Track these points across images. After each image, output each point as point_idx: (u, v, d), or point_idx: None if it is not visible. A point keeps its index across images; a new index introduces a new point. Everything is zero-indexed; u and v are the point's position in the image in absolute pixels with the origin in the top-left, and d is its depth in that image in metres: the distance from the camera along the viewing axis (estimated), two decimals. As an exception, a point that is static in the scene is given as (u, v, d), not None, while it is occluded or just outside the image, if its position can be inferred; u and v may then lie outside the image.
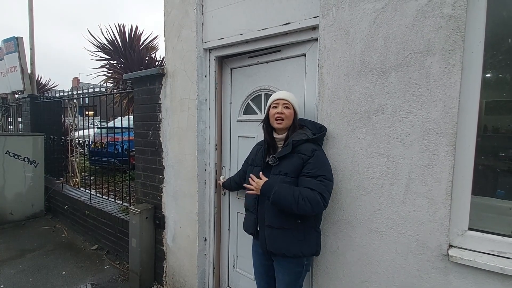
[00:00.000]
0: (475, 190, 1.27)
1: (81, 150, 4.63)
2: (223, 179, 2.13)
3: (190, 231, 2.30)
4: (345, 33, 1.48)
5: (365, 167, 1.45)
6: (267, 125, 1.61)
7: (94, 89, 3.55)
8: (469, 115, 1.24)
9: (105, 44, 5.33)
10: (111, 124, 5.30)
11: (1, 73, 5.88)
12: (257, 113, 2.08)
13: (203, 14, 2.18)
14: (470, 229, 1.27)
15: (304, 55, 1.77)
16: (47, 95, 5.77)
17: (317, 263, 1.65)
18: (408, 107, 1.32)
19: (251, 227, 1.63)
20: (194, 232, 2.27)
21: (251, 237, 1.70)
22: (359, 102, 1.46)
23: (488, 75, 1.31)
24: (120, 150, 3.65)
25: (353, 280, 1.53)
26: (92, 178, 4.85)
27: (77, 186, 4.35)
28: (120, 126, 3.89)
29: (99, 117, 5.84)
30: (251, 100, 2.11)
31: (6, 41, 5.48)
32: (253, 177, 1.54)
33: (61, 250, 3.28)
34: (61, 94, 4.44)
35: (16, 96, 5.79)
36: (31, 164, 4.22)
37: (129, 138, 4.40)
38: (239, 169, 1.99)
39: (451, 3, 1.21)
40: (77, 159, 4.53)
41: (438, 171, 1.26)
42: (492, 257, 1.21)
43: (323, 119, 1.58)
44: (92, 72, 6.10)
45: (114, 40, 5.28)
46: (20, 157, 4.13)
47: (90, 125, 4.04)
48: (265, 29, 1.83)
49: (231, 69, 2.22)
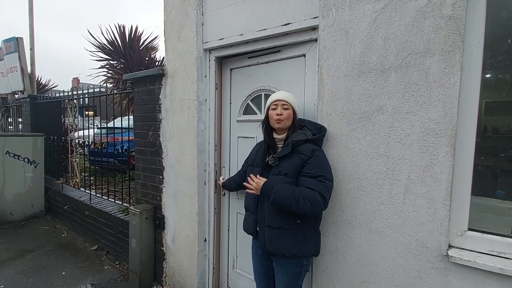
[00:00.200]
0: (475, 190, 1.27)
1: (81, 151, 4.62)
2: (222, 179, 2.13)
3: (190, 231, 2.30)
4: (345, 33, 1.49)
5: (364, 167, 1.45)
6: (267, 126, 1.60)
7: (94, 89, 3.54)
8: (468, 115, 1.24)
9: (105, 44, 5.34)
10: (111, 125, 5.30)
11: (1, 73, 5.88)
12: (257, 114, 2.08)
13: (203, 14, 2.18)
14: (469, 229, 1.28)
15: (304, 55, 1.77)
16: (47, 95, 5.77)
17: (317, 264, 1.65)
18: (407, 107, 1.33)
19: (250, 227, 1.63)
20: (194, 233, 2.27)
21: (251, 237, 1.70)
22: (358, 102, 1.46)
23: (487, 75, 1.32)
24: (120, 151, 3.65)
25: (353, 280, 1.53)
26: (92, 178, 4.85)
27: (77, 187, 4.35)
28: (120, 126, 3.89)
29: (99, 117, 5.84)
30: (250, 100, 2.11)
31: (6, 41, 5.48)
32: (252, 177, 1.54)
33: (61, 250, 3.28)
34: (61, 94, 4.43)
35: (16, 96, 5.79)
36: (31, 164, 4.22)
37: (129, 138, 4.40)
38: (239, 170, 1.99)
39: (450, 3, 1.21)
40: (77, 159, 4.53)
41: (437, 171, 1.26)
42: (491, 257, 1.21)
43: (323, 119, 1.58)
44: (92, 72, 6.12)
45: (114, 41, 5.30)
46: (20, 157, 4.13)
47: (90, 125, 4.04)
48: (265, 29, 1.84)
49: (231, 70, 2.22)
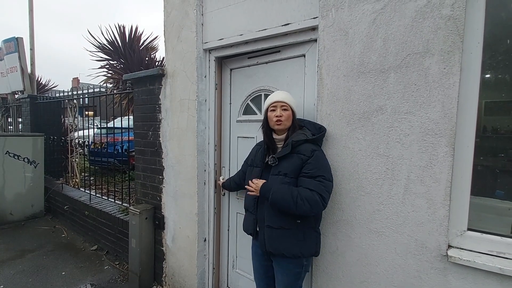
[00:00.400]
0: (474, 190, 1.27)
1: (81, 151, 4.62)
2: (222, 179, 2.13)
3: (189, 231, 2.31)
4: (344, 34, 1.49)
5: (364, 167, 1.46)
6: (266, 128, 1.59)
7: (94, 89, 3.54)
8: (468, 115, 1.24)
9: (105, 44, 5.35)
10: (111, 125, 5.30)
11: (1, 73, 5.88)
12: (256, 114, 2.08)
13: (203, 15, 2.19)
14: (469, 229, 1.28)
15: (304, 55, 1.77)
16: (47, 95, 5.77)
17: (317, 264, 1.65)
18: (407, 107, 1.33)
19: (250, 227, 1.63)
20: (194, 233, 2.27)
21: (251, 237, 1.70)
22: (358, 102, 1.46)
23: (487, 76, 1.32)
24: (120, 151, 3.65)
25: (353, 280, 1.53)
26: (92, 178, 4.85)
27: (77, 187, 4.35)
28: (120, 126, 3.89)
29: (99, 117, 5.84)
30: (250, 100, 2.12)
31: (6, 41, 5.48)
32: (253, 180, 1.55)
33: (61, 250, 3.28)
34: (61, 94, 4.44)
35: (16, 96, 5.80)
36: (31, 165, 4.22)
37: (129, 138, 4.40)
38: (238, 170, 1.99)
39: (450, 4, 1.21)
40: (77, 159, 4.54)
41: (437, 171, 1.27)
42: (491, 257, 1.21)
43: (322, 119, 1.58)
44: (92, 72, 6.14)
45: (114, 41, 5.30)
46: (20, 157, 4.13)
47: (90, 125, 4.04)
48: (265, 29, 1.84)
49: (231, 70, 2.22)
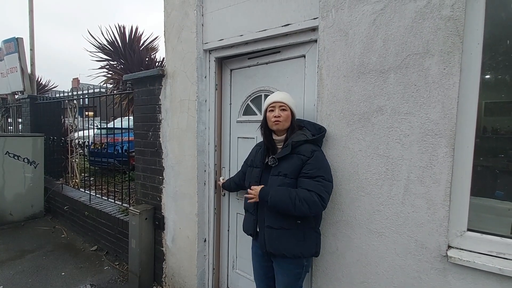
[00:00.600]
0: (474, 191, 1.27)
1: (81, 151, 4.62)
2: (222, 180, 2.13)
3: (189, 232, 2.30)
4: (344, 34, 1.49)
5: (364, 168, 1.46)
6: (265, 128, 1.59)
7: (94, 89, 3.54)
8: (468, 116, 1.25)
9: (105, 45, 5.35)
10: (111, 125, 5.30)
11: (1, 73, 5.88)
12: (256, 114, 2.08)
13: (203, 15, 2.19)
14: (469, 230, 1.28)
15: (304, 56, 1.78)
16: (47, 95, 5.78)
17: (317, 264, 1.65)
18: (407, 108, 1.33)
19: (250, 228, 1.63)
20: (194, 233, 2.27)
21: (251, 238, 1.70)
22: (358, 103, 1.46)
23: (487, 76, 1.32)
24: (120, 151, 3.64)
25: (353, 281, 1.53)
26: (91, 179, 4.85)
27: (76, 187, 4.35)
28: (120, 127, 3.89)
29: (99, 117, 5.84)
30: (250, 101, 2.12)
31: (6, 41, 5.49)
32: (251, 187, 1.55)
33: (61, 251, 3.28)
34: (61, 94, 4.44)
35: (16, 96, 5.80)
36: (30, 165, 4.22)
37: (129, 139, 4.39)
38: (238, 170, 1.99)
39: (449, 4, 1.21)
40: (76, 159, 4.53)
41: (437, 172, 1.27)
42: (491, 258, 1.21)
43: (322, 120, 1.58)
44: (92, 72, 6.13)
45: (114, 41, 5.30)
46: (19, 157, 4.13)
47: (90, 125, 4.04)
48: (265, 30, 1.84)
49: (231, 70, 2.22)
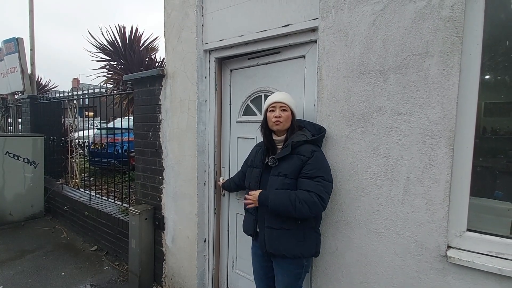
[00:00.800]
0: (473, 191, 1.27)
1: (81, 151, 4.62)
2: (222, 180, 2.13)
3: (189, 232, 2.31)
4: (344, 35, 1.49)
5: (364, 168, 1.46)
6: (265, 128, 1.60)
7: (94, 90, 3.55)
8: (467, 116, 1.25)
9: (105, 45, 5.36)
10: (111, 125, 5.30)
11: (1, 73, 5.88)
12: (256, 114, 2.08)
13: (203, 15, 2.19)
14: (468, 230, 1.28)
15: (304, 56, 1.78)
16: (47, 96, 5.78)
17: (316, 264, 1.65)
18: (406, 108, 1.33)
19: (250, 228, 1.63)
20: (194, 233, 2.27)
21: (251, 238, 1.70)
22: (358, 103, 1.46)
23: (486, 77, 1.32)
24: (120, 151, 3.65)
25: (352, 281, 1.54)
26: (91, 179, 4.85)
27: (76, 187, 4.35)
28: (120, 127, 3.90)
29: (99, 118, 5.85)
30: (250, 101, 2.12)
31: (6, 41, 5.49)
32: (249, 192, 1.56)
33: (61, 251, 3.28)
34: (61, 95, 4.44)
35: (16, 96, 5.80)
36: (30, 165, 4.22)
37: (129, 139, 4.39)
38: (238, 170, 1.99)
39: (449, 5, 1.22)
40: (76, 160, 4.53)
41: (436, 172, 1.27)
42: (490, 258, 1.21)
43: (322, 120, 1.59)
44: (92, 73, 6.12)
45: (114, 41, 5.31)
46: (19, 157, 4.13)
47: (90, 126, 4.04)
48: (265, 30, 1.84)
49: (231, 71, 2.22)
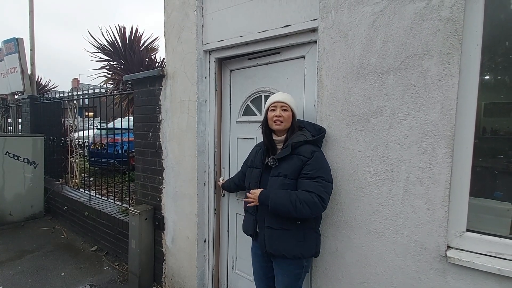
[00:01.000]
0: (473, 191, 1.28)
1: (81, 151, 4.62)
2: (222, 180, 2.13)
3: (189, 232, 2.31)
4: (344, 35, 1.49)
5: (363, 168, 1.46)
6: (266, 127, 1.60)
7: (94, 90, 3.55)
8: (467, 117, 1.25)
9: (105, 45, 5.36)
10: (111, 125, 5.30)
11: (1, 74, 5.89)
12: (256, 115, 2.09)
13: (203, 16, 2.19)
14: (468, 230, 1.28)
15: (304, 57, 1.78)
16: (47, 96, 5.77)
17: (316, 265, 1.65)
18: (406, 109, 1.33)
19: (250, 228, 1.63)
20: (194, 233, 2.27)
21: (250, 238, 1.70)
22: (358, 104, 1.47)
23: (486, 77, 1.33)
24: (120, 151, 3.64)
25: (352, 281, 1.54)
26: (91, 179, 4.84)
27: (76, 187, 4.35)
28: (120, 127, 3.90)
29: (99, 118, 5.85)
30: (250, 101, 2.12)
31: (6, 42, 5.49)
32: (250, 191, 1.55)
33: (60, 251, 3.28)
34: (61, 95, 4.44)
35: (16, 97, 5.80)
36: (30, 165, 4.22)
37: (128, 139, 4.39)
38: (238, 171, 2.00)
39: (448, 6, 1.22)
40: (76, 160, 4.53)
41: (436, 172, 1.27)
42: (490, 258, 1.21)
43: (322, 120, 1.59)
44: (92, 73, 6.13)
45: (114, 42, 5.31)
46: (19, 158, 4.13)
47: (90, 126, 4.04)
48: (265, 31, 1.85)
49: (231, 71, 2.23)
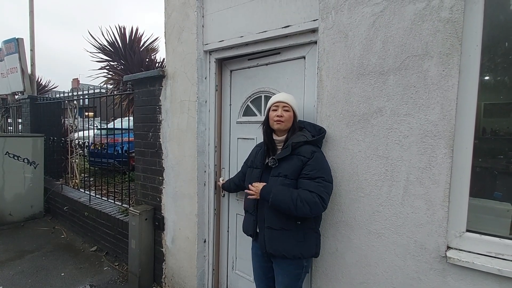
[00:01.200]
0: (473, 192, 1.28)
1: (81, 151, 4.63)
2: (222, 180, 2.13)
3: (189, 232, 2.31)
4: (344, 36, 1.50)
5: (363, 169, 1.46)
6: (267, 127, 1.61)
7: (94, 90, 3.55)
8: (466, 117, 1.25)
9: (105, 45, 5.36)
10: (111, 125, 5.30)
11: (1, 74, 5.89)
12: (256, 115, 2.09)
13: (203, 16, 2.20)
14: (468, 230, 1.28)
15: (304, 57, 1.78)
16: (47, 96, 5.78)
17: (316, 265, 1.65)
18: (406, 109, 1.34)
19: (250, 228, 1.63)
20: (194, 234, 2.27)
21: (250, 238, 1.70)
22: (358, 104, 1.47)
23: (486, 78, 1.33)
24: (120, 151, 3.65)
25: (352, 281, 1.54)
26: (91, 179, 4.84)
27: (76, 187, 4.35)
28: (120, 127, 3.91)
29: (99, 118, 5.85)
30: (250, 102, 2.12)
31: (6, 42, 5.49)
32: (253, 183, 1.55)
33: (60, 251, 3.28)
34: (61, 95, 4.44)
35: (16, 97, 5.80)
36: (30, 165, 4.22)
37: (129, 139, 4.39)
38: (238, 171, 2.00)
39: (448, 7, 1.22)
40: (76, 160, 4.53)
41: (436, 173, 1.27)
42: (489, 258, 1.21)
43: (322, 121, 1.59)
44: (92, 73, 6.10)
45: (114, 42, 5.31)
46: (19, 158, 4.13)
47: (90, 126, 4.04)
48: (265, 31, 1.85)
49: (231, 71, 2.23)
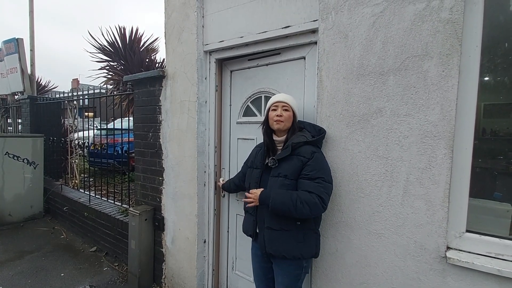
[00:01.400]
0: (473, 192, 1.28)
1: (81, 152, 4.62)
2: (222, 181, 2.13)
3: (189, 233, 2.31)
4: (344, 36, 1.50)
5: (363, 169, 1.46)
6: (267, 127, 1.61)
7: (94, 90, 3.55)
8: (466, 118, 1.25)
9: (105, 45, 5.36)
10: (110, 126, 5.30)
11: (1, 74, 5.89)
12: (256, 115, 2.09)
13: (203, 17, 2.20)
14: (467, 231, 1.28)
15: (304, 58, 1.79)
16: (47, 96, 5.77)
17: (316, 265, 1.65)
18: (406, 110, 1.34)
19: (250, 229, 1.63)
20: (194, 234, 2.27)
21: (250, 239, 1.70)
22: (358, 105, 1.47)
23: (485, 78, 1.33)
24: (120, 152, 3.65)
25: (352, 282, 1.54)
26: (91, 179, 4.84)
27: (76, 188, 4.35)
28: (120, 127, 3.90)
29: (99, 118, 5.84)
30: (250, 102, 2.12)
31: (6, 42, 5.50)
32: (250, 190, 1.55)
33: (60, 251, 3.28)
34: (61, 95, 4.44)
35: (16, 97, 5.80)
36: (30, 165, 4.22)
37: (128, 139, 4.39)
38: (238, 171, 2.00)
39: (448, 7, 1.22)
40: (76, 160, 4.53)
41: (436, 173, 1.27)
42: (489, 259, 1.21)
43: (322, 121, 1.59)
44: (92, 73, 6.09)
45: (114, 42, 5.31)
46: (19, 158, 4.12)
47: (89, 126, 4.04)
48: (265, 32, 1.85)
49: (231, 72, 2.23)
